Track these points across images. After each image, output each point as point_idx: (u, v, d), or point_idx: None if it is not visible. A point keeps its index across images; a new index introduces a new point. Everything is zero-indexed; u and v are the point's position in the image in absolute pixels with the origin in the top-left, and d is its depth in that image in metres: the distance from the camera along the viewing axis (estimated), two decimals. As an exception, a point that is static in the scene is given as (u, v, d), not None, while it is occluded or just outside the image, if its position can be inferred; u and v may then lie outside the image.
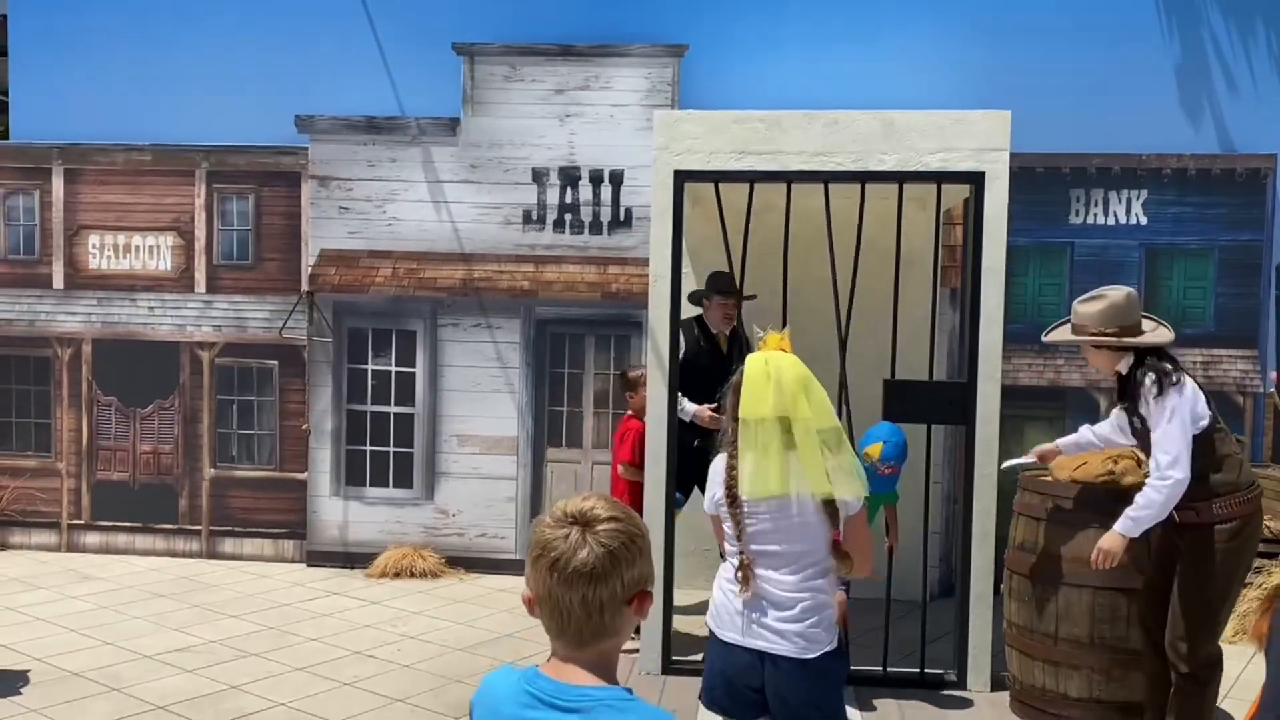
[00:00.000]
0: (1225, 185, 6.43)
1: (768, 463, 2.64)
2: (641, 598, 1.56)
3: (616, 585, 1.52)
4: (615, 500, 1.62)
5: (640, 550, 1.56)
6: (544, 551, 1.54)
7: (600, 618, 1.52)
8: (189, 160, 7.09)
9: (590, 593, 1.51)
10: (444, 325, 6.88)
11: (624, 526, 1.55)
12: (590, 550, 1.51)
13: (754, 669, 2.70)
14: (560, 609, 1.52)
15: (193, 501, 7.18)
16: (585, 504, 1.58)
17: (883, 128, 4.82)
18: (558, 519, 1.56)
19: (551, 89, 6.76)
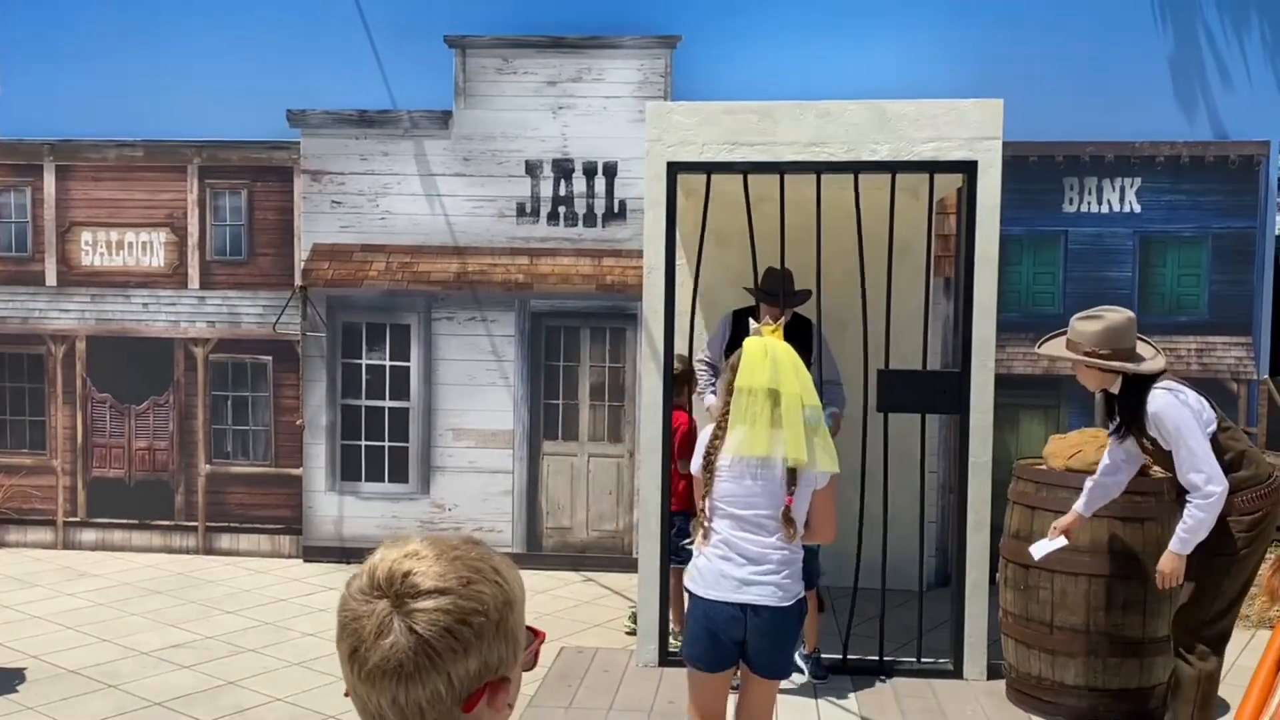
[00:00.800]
0: (1219, 172, 6.43)
1: (757, 428, 2.96)
2: (493, 690, 1.13)
3: (439, 685, 1.10)
4: (456, 549, 1.16)
5: (478, 631, 1.11)
6: (342, 633, 1.12)
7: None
8: (181, 156, 7.07)
9: (402, 695, 1.09)
10: (438, 319, 6.87)
11: (452, 602, 1.10)
12: (396, 640, 1.09)
13: (737, 621, 2.98)
14: (370, 713, 1.12)
15: (189, 498, 7.18)
16: (405, 564, 1.12)
17: (875, 118, 4.81)
18: (364, 586, 1.13)
19: (544, 81, 6.74)
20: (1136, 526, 4.22)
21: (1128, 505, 4.20)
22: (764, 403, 2.96)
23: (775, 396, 2.97)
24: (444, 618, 1.09)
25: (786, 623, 2.99)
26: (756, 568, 2.97)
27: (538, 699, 4.54)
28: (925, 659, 4.85)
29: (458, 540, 1.18)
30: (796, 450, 2.94)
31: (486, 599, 1.13)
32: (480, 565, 1.15)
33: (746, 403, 2.99)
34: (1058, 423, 6.46)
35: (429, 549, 1.14)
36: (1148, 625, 4.23)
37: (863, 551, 4.94)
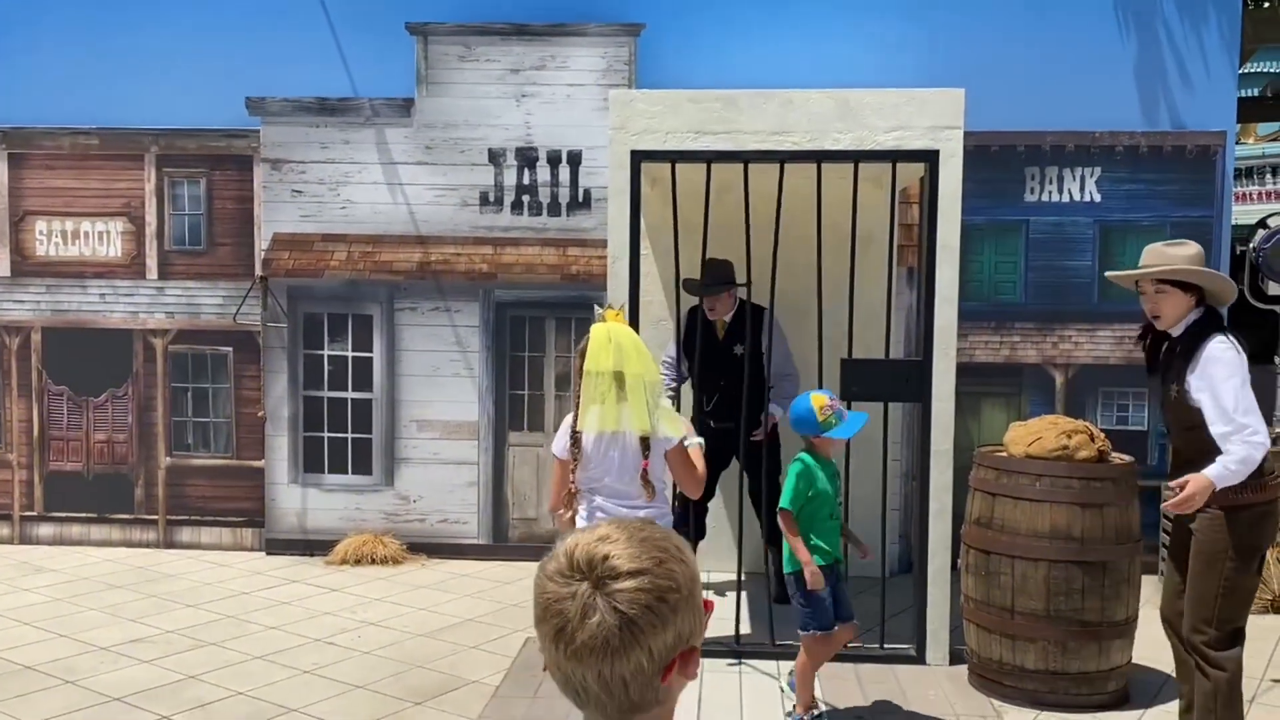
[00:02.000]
0: (1176, 162, 6.50)
1: (606, 406, 3.33)
2: (684, 659, 1.21)
3: (641, 659, 1.17)
4: (642, 531, 1.23)
5: (674, 607, 1.19)
6: (545, 614, 1.19)
7: (625, 695, 1.19)
8: (138, 144, 6.95)
9: (607, 669, 1.17)
10: (401, 309, 6.82)
11: (650, 581, 1.18)
12: (602, 619, 1.16)
13: None
14: (573, 686, 1.20)
15: (149, 491, 7.08)
16: (601, 548, 1.19)
17: (838, 107, 4.82)
18: (562, 569, 1.20)
19: (507, 69, 6.70)
20: (1096, 512, 4.27)
21: (1084, 491, 4.25)
22: (610, 383, 3.33)
23: (620, 377, 3.33)
24: (644, 596, 1.17)
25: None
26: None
27: (503, 690, 4.53)
28: (888, 644, 4.89)
29: (639, 523, 1.26)
30: (641, 422, 3.33)
31: (678, 576, 1.21)
32: (666, 545, 1.23)
33: (595, 384, 3.35)
34: (1019, 410, 6.52)
35: (619, 533, 1.22)
36: (1106, 609, 4.28)
37: (826, 539, 4.96)
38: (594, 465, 3.43)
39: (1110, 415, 6.57)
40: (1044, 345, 6.61)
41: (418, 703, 4.43)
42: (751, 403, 5.04)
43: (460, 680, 4.69)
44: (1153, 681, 4.67)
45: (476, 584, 6.30)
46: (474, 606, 5.82)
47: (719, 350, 5.53)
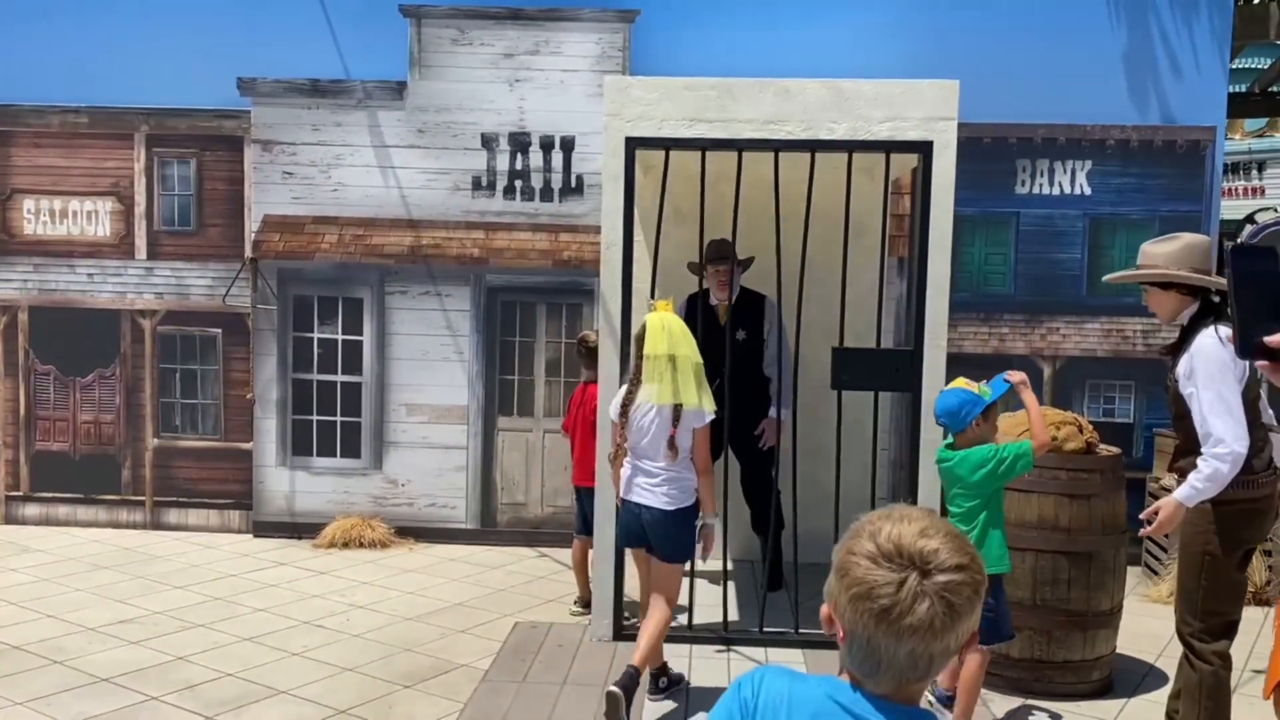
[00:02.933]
0: (1166, 156, 6.54)
1: (663, 383, 3.97)
2: (970, 640, 1.37)
3: (951, 640, 1.32)
4: (947, 525, 1.37)
5: (981, 597, 1.35)
6: (869, 595, 1.32)
7: (927, 669, 1.34)
8: (127, 123, 6.91)
9: (922, 648, 1.31)
10: (391, 293, 6.80)
11: (969, 576, 1.33)
12: (931, 606, 1.30)
13: (635, 516, 4.09)
14: (880, 657, 1.34)
15: (136, 472, 7.06)
16: (924, 542, 1.32)
17: (833, 96, 4.83)
18: (889, 556, 1.32)
19: (500, 53, 6.67)
20: (1082, 503, 4.31)
21: (1072, 482, 4.29)
22: (666, 364, 3.97)
23: (673, 359, 3.97)
24: (966, 588, 1.32)
25: (668, 521, 4.02)
26: (650, 479, 4.04)
27: (491, 674, 4.55)
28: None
29: (930, 513, 1.38)
30: (689, 397, 3.98)
31: (984, 570, 1.37)
32: (967, 541, 1.37)
33: (653, 365, 3.99)
34: (1007, 401, 6.54)
35: (934, 527, 1.35)
36: (1091, 599, 4.32)
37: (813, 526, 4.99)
38: (638, 429, 4.03)
39: (1097, 407, 6.62)
40: (1032, 337, 6.65)
41: (406, 686, 4.44)
42: (751, 391, 5.04)
43: (449, 664, 4.70)
44: (1136, 670, 4.72)
45: (464, 568, 6.31)
46: (462, 591, 5.83)
47: (720, 336, 5.41)
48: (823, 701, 1.39)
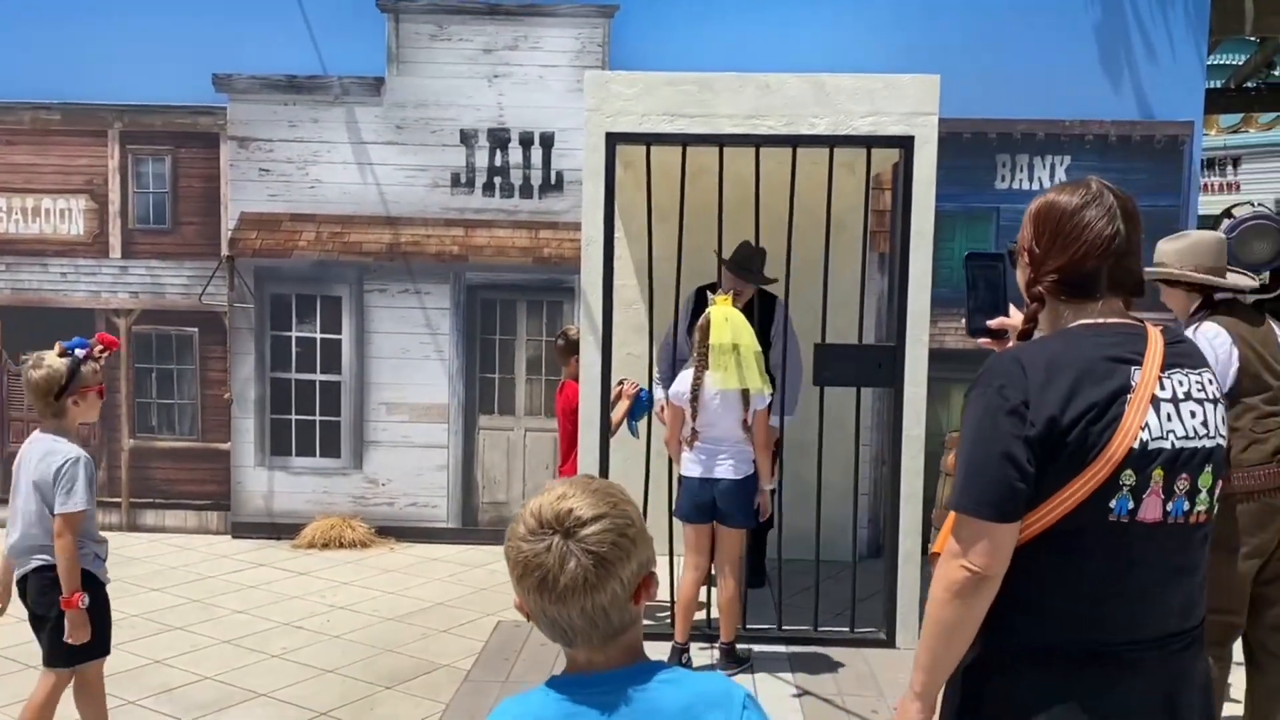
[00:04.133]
0: (1145, 151, 6.56)
1: (728, 370, 4.33)
2: (646, 583, 1.43)
3: (615, 587, 1.38)
4: (591, 484, 1.43)
5: (634, 540, 1.40)
6: (526, 570, 1.38)
7: (608, 622, 1.39)
8: (101, 120, 6.82)
9: (588, 604, 1.37)
10: (370, 291, 6.75)
11: (610, 523, 1.38)
12: (578, 562, 1.36)
13: (707, 489, 4.45)
14: (560, 626, 1.40)
15: (112, 473, 6.98)
16: (562, 504, 1.39)
17: (814, 91, 4.81)
18: (532, 529, 1.39)
19: (479, 49, 6.63)
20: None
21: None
22: (730, 353, 4.32)
23: (736, 348, 4.33)
24: (609, 535, 1.38)
25: (738, 489, 4.43)
26: (722, 454, 4.43)
27: (474, 673, 4.51)
28: (859, 628, 4.91)
29: (587, 477, 1.47)
30: (754, 381, 4.36)
31: (631, 513, 1.42)
32: (614, 490, 1.44)
33: (718, 354, 4.34)
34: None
35: (573, 489, 1.41)
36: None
37: (798, 522, 4.98)
38: (708, 410, 4.41)
39: (1077, 402, 6.63)
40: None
41: (388, 687, 4.40)
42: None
43: (431, 664, 4.67)
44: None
45: (446, 568, 6.26)
46: (444, 590, 5.79)
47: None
48: (543, 704, 1.41)
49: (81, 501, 3.25)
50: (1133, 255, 1.89)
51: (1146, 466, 1.73)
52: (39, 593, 3.32)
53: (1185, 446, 1.77)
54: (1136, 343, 1.79)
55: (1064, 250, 1.88)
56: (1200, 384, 1.83)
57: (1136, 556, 1.76)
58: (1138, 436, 1.73)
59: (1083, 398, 1.73)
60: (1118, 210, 1.90)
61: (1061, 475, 1.73)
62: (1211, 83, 12.22)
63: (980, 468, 1.77)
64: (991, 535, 1.74)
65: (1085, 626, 1.77)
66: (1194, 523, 1.80)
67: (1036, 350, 1.82)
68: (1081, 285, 1.86)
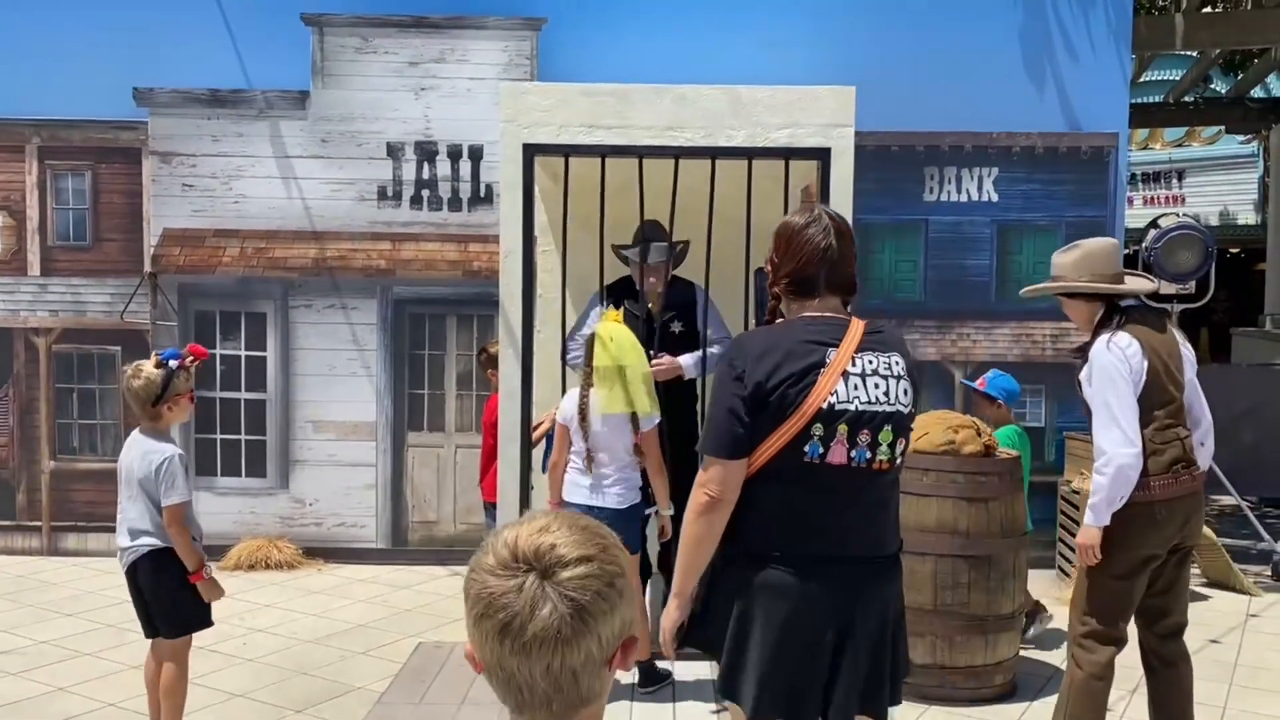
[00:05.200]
0: (1071, 163, 6.61)
1: (612, 393, 4.18)
2: (625, 649, 1.20)
3: (592, 646, 1.15)
4: (579, 520, 1.22)
5: (620, 592, 1.18)
6: (488, 611, 1.14)
7: (575, 689, 1.15)
8: (18, 135, 6.66)
9: (557, 662, 1.13)
10: (296, 307, 6.63)
11: (598, 567, 1.16)
12: (554, 609, 1.12)
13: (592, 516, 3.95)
14: (517, 684, 1.15)
15: (31, 496, 6.79)
16: (543, 538, 1.16)
17: (731, 103, 4.79)
18: (505, 562, 1.15)
19: (405, 61, 6.56)
20: (981, 506, 4.30)
21: (970, 486, 4.28)
22: (615, 375, 4.16)
23: (621, 370, 4.17)
24: (594, 582, 1.15)
25: (621, 519, 4.16)
26: (605, 481, 4.25)
27: (387, 696, 4.41)
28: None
29: (571, 514, 1.24)
30: (642, 404, 4.20)
31: (621, 562, 1.21)
32: (603, 532, 1.22)
33: (603, 375, 4.19)
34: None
35: (556, 522, 1.20)
36: (991, 603, 4.31)
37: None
38: (595, 435, 4.22)
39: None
40: (943, 343, 6.67)
41: (298, 710, 4.29)
42: (689, 388, 4.85)
43: (344, 687, 4.55)
44: (1041, 673, 4.72)
45: (372, 588, 6.15)
46: (367, 612, 5.68)
47: (652, 332, 5.00)
48: None
49: (183, 493, 3.68)
50: (844, 262, 2.43)
51: (833, 422, 2.29)
52: (150, 573, 3.72)
53: (866, 410, 2.32)
54: (838, 330, 2.37)
55: (793, 259, 2.41)
56: (888, 363, 2.39)
57: (826, 489, 2.31)
58: (826, 399, 2.28)
59: (784, 369, 2.29)
60: (831, 228, 2.41)
61: (768, 426, 2.29)
62: (1150, 98, 12.44)
63: (717, 420, 2.34)
64: (726, 468, 2.32)
65: (787, 536, 2.33)
66: (876, 469, 2.34)
67: (757, 335, 2.47)
68: (805, 286, 2.42)
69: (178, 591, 3.72)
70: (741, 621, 2.37)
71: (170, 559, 3.69)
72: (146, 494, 3.71)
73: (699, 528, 2.37)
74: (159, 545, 3.71)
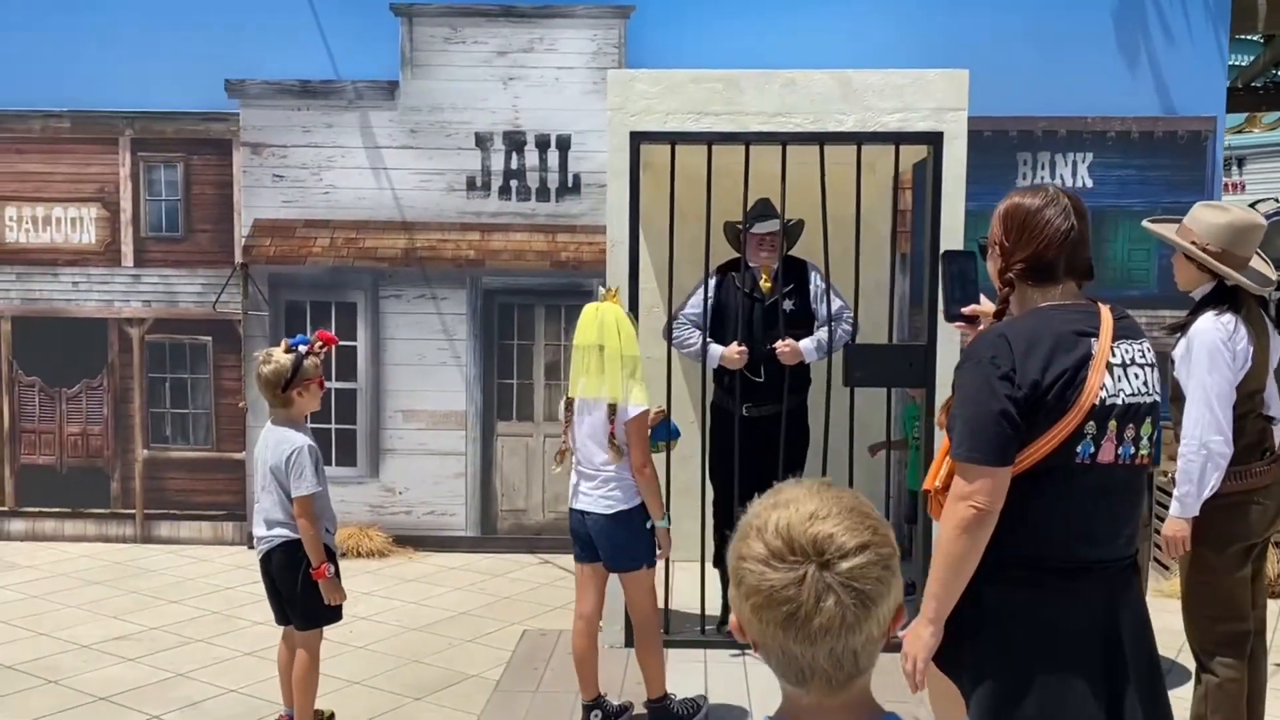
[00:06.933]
0: (1167, 148, 6.50)
1: (589, 375, 3.74)
2: (897, 618, 1.23)
3: (872, 628, 1.19)
4: (843, 499, 1.21)
5: (894, 572, 1.21)
6: (769, 602, 1.17)
7: (854, 664, 1.20)
8: (112, 127, 6.75)
9: (840, 645, 1.17)
10: (386, 297, 6.67)
11: (875, 554, 1.18)
12: (838, 600, 1.16)
13: (580, 523, 3.83)
14: (800, 666, 1.20)
15: (125, 484, 6.89)
16: (818, 527, 1.17)
17: (841, 87, 4.74)
18: (780, 554, 1.17)
19: (494, 51, 6.56)
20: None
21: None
22: (594, 355, 3.72)
23: (601, 350, 3.71)
24: (874, 569, 1.18)
25: (613, 527, 3.75)
26: (589, 483, 3.79)
27: (504, 683, 4.43)
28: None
29: (826, 488, 1.24)
30: (614, 390, 3.70)
31: (891, 538, 1.22)
32: (868, 508, 1.23)
33: (581, 356, 3.78)
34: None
35: (824, 505, 1.20)
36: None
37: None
38: (576, 426, 3.84)
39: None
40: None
41: (417, 698, 4.32)
42: (800, 370, 4.76)
43: (459, 674, 4.58)
44: (1158, 666, 4.64)
45: (466, 576, 6.18)
46: (466, 600, 5.71)
47: (765, 312, 4.80)
48: None
49: (312, 484, 3.66)
50: (1084, 245, 2.27)
51: (1104, 419, 2.15)
52: (282, 566, 3.72)
53: (1132, 402, 2.18)
54: (1093, 319, 2.22)
55: (1030, 243, 2.25)
56: (1141, 351, 2.24)
57: (1094, 489, 2.17)
58: (1098, 395, 2.14)
59: (1057, 364, 2.13)
60: (1071, 209, 2.26)
61: (1040, 426, 2.14)
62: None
63: (982, 425, 2.14)
64: (994, 476, 2.13)
65: (1055, 543, 2.18)
66: (1138, 464, 2.21)
67: (1017, 327, 2.21)
68: (1044, 272, 2.25)
69: (308, 585, 3.71)
70: (1008, 639, 2.19)
71: (304, 551, 3.69)
72: (279, 484, 3.72)
73: (963, 545, 2.16)
74: (293, 537, 3.71)
